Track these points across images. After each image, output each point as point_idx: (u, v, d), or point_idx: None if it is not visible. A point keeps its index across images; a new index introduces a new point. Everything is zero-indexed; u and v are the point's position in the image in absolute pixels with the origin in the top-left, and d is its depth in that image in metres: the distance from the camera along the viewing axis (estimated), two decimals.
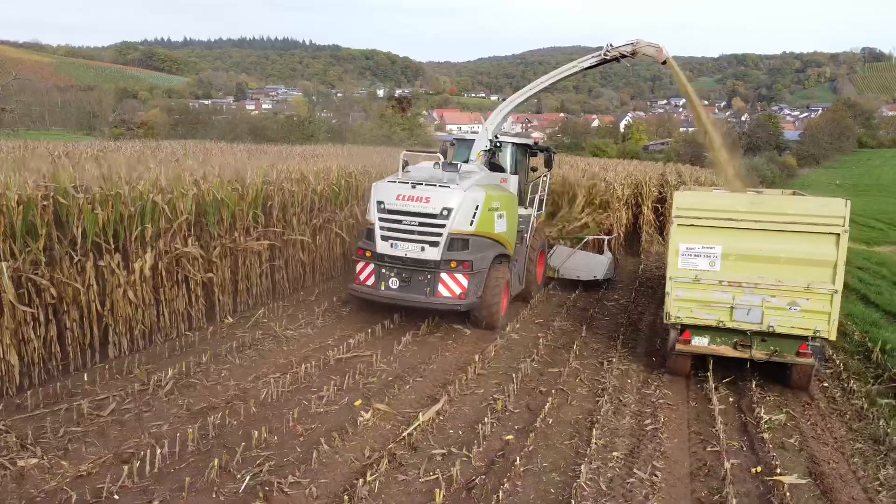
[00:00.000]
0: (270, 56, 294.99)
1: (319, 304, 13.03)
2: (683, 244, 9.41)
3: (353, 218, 16.08)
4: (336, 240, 15.39)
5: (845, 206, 8.79)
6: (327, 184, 15.05)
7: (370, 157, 25.50)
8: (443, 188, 11.29)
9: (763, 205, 9.25)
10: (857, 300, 15.63)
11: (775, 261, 9.05)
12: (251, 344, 10.56)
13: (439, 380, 9.65)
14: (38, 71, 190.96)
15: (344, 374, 9.37)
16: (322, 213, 14.90)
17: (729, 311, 9.30)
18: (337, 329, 11.74)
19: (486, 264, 11.61)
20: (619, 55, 12.70)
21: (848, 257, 20.21)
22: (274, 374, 9.36)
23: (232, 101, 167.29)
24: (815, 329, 9.07)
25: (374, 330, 11.58)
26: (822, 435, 8.50)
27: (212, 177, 11.64)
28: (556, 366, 10.54)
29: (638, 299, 15.32)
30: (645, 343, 12.13)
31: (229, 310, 12.00)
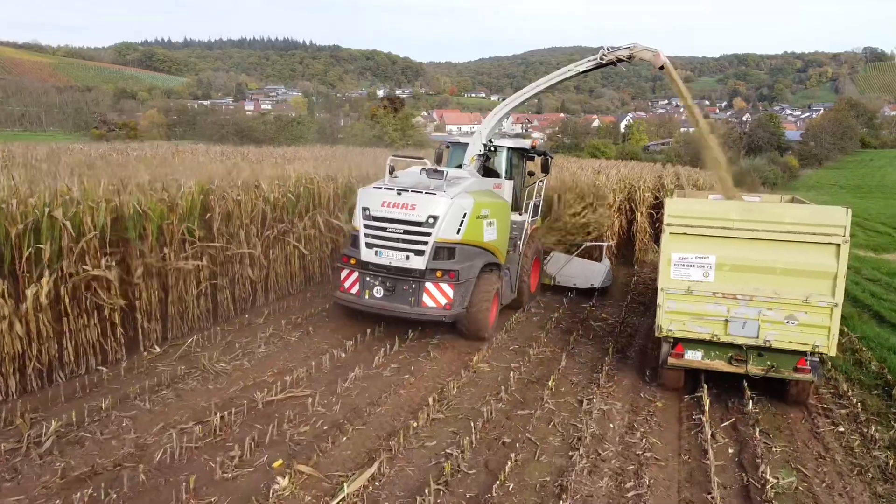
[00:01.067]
0: (271, 56, 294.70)
1: (266, 328, 11.54)
2: (676, 253, 8.99)
3: (314, 228, 14.61)
4: (294, 253, 13.91)
5: (846, 215, 8.30)
6: (283, 191, 13.57)
7: (353, 160, 24.09)
8: (429, 195, 10.84)
9: (758, 212, 8.81)
10: (870, 319, 14.14)
11: (772, 272, 8.63)
12: (171, 382, 9.07)
13: (385, 428, 8.16)
14: (37, 71, 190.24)
15: (270, 422, 7.89)
16: (277, 224, 13.42)
17: (723, 325, 8.89)
18: (280, 359, 10.26)
19: (474, 274, 11.21)
20: (615, 59, 12.40)
21: (856, 266, 18.86)
22: (186, 422, 7.87)
23: (231, 101, 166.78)
24: (813, 344, 8.63)
25: (321, 361, 10.11)
26: (840, 502, 7.01)
27: (132, 186, 10.15)
28: (528, 406, 9.04)
29: (628, 318, 13.83)
30: (633, 373, 10.64)
31: (157, 338, 10.52)
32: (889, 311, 14.58)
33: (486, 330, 11.58)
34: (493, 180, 13.08)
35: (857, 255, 23.20)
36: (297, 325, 11.92)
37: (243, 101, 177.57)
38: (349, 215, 15.60)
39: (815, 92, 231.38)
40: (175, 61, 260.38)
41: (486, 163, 13.54)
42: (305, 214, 14.36)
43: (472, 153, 13.17)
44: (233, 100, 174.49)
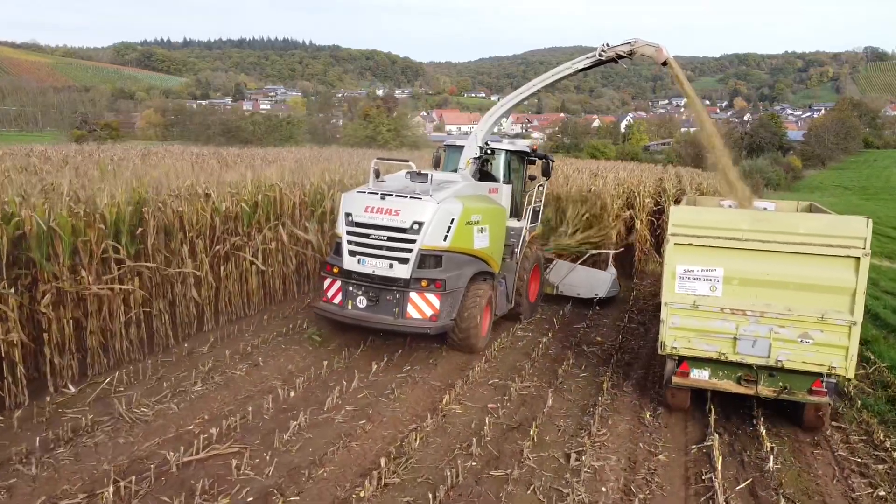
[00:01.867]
0: (270, 56, 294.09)
1: (208, 359, 10.03)
2: (681, 266, 8.43)
3: (276, 241, 13.10)
4: (251, 269, 12.39)
5: (867, 226, 7.67)
6: (236, 200, 12.06)
7: (338, 162, 22.66)
8: (414, 200, 10.26)
9: (771, 222, 8.22)
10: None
11: (784, 286, 8.07)
12: (72, 435, 7.54)
13: (325, 499, 6.64)
14: (35, 71, 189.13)
15: (180, 494, 6.38)
16: (230, 237, 11.92)
17: (732, 343, 8.32)
18: (215, 401, 8.74)
19: (462, 283, 10.61)
20: (615, 56, 11.73)
21: (872, 278, 17.22)
22: (74, 495, 6.35)
23: (230, 101, 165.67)
24: (829, 365, 8.00)
25: (263, 403, 8.60)
26: None
27: (35, 198, 8.63)
28: (503, 464, 7.52)
29: (626, 341, 12.32)
30: (630, 414, 9.12)
31: (74, 376, 8.99)
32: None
33: (478, 343, 10.96)
34: (489, 184, 12.37)
35: (872, 265, 21.67)
36: (246, 355, 10.41)
37: (242, 101, 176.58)
38: (319, 224, 14.20)
39: (816, 92, 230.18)
40: (174, 61, 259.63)
41: (483, 166, 12.82)
42: (265, 225, 12.85)
43: (467, 156, 12.49)
44: (231, 100, 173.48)
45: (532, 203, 13.45)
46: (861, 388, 10.23)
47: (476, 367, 10.49)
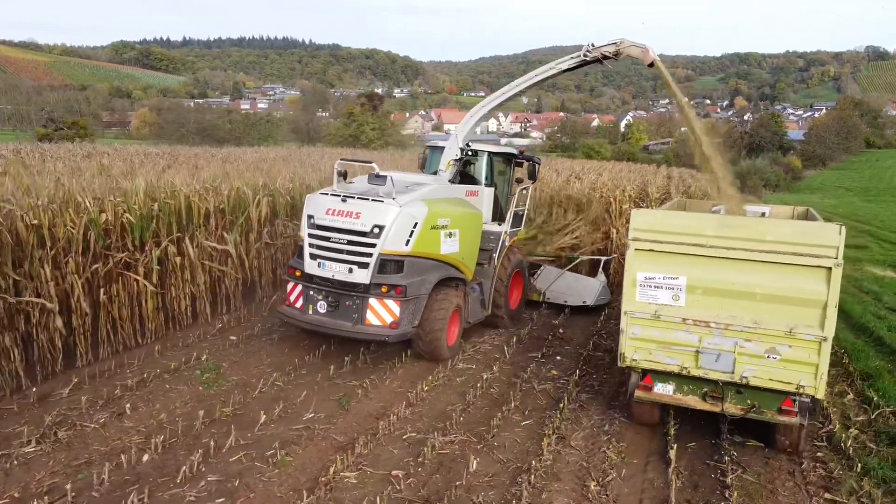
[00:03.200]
0: (270, 55, 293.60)
1: (58, 408, 8.19)
2: (641, 273, 8.01)
3: (183, 255, 11.28)
4: (146, 291, 10.54)
5: (839, 234, 7.15)
6: (125, 209, 10.23)
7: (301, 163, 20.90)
8: (375, 203, 9.92)
9: (737, 228, 7.68)
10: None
11: (751, 297, 7.60)
12: None
13: None
14: (32, 70, 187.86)
15: None
16: (116, 252, 10.09)
17: (694, 356, 7.85)
18: (44, 468, 6.90)
19: (426, 289, 10.23)
20: (601, 56, 11.31)
21: (874, 291, 15.28)
22: None
23: (228, 100, 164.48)
24: (798, 383, 7.48)
25: (102, 473, 6.75)
26: None
27: None
28: None
29: (586, 376, 10.47)
30: (572, 482, 7.27)
31: None
32: None
33: (444, 351, 10.58)
34: (468, 187, 11.97)
35: (874, 275, 19.80)
36: (113, 400, 8.57)
37: (240, 100, 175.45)
38: (242, 235, 12.44)
39: (818, 91, 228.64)
40: (172, 60, 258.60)
41: (466, 168, 12.44)
42: (167, 237, 11.02)
43: (447, 157, 12.14)
44: (230, 99, 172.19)
45: (514, 207, 12.73)
46: (862, 443, 8.39)
47: (395, 413, 8.65)
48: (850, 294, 16.17)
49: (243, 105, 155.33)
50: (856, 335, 13.43)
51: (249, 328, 11.79)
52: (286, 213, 14.13)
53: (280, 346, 11.01)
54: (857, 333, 13.58)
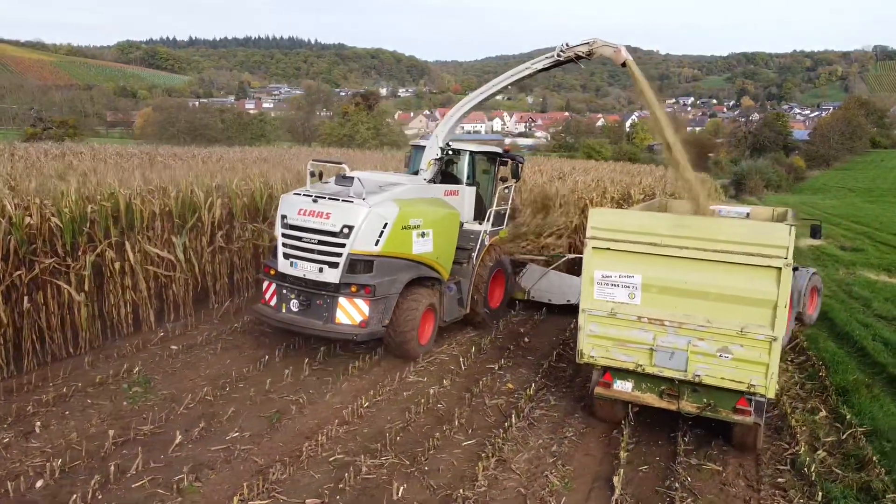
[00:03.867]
0: (275, 55, 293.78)
1: None
2: (599, 271, 8.13)
3: (125, 261, 10.71)
4: (73, 303, 9.95)
5: (789, 234, 7.20)
6: (53, 212, 9.67)
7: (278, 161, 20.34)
8: (345, 203, 10.05)
9: (691, 228, 7.71)
10: (888, 392, 10.09)
11: (704, 296, 7.64)
12: None
13: None
14: (38, 70, 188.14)
15: None
16: (43, 259, 9.53)
17: (649, 354, 7.93)
18: None
19: (396, 289, 10.33)
20: (574, 56, 11.22)
21: (864, 297, 14.52)
22: None
23: (233, 100, 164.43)
24: (749, 383, 7.50)
25: None
26: None
27: None
28: None
29: (543, 390, 9.85)
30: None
31: None
32: None
33: (415, 350, 10.68)
34: (446, 186, 12.09)
35: (866, 280, 19.09)
36: (23, 417, 7.99)
37: (245, 99, 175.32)
38: (193, 238, 11.88)
39: (825, 91, 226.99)
40: (178, 60, 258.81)
41: (448, 167, 12.60)
42: (104, 242, 10.45)
43: (428, 157, 12.15)
44: (235, 98, 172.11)
45: (495, 206, 12.77)
46: (828, 467, 7.76)
47: (327, 432, 8.06)
48: (839, 300, 15.52)
49: (248, 105, 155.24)
50: (838, 344, 12.78)
51: (195, 337, 11.22)
52: (244, 215, 13.55)
53: (221, 357, 10.44)
54: (841, 342, 12.94)
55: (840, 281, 18.48)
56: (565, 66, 11.59)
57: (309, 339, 10.99)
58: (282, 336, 11.12)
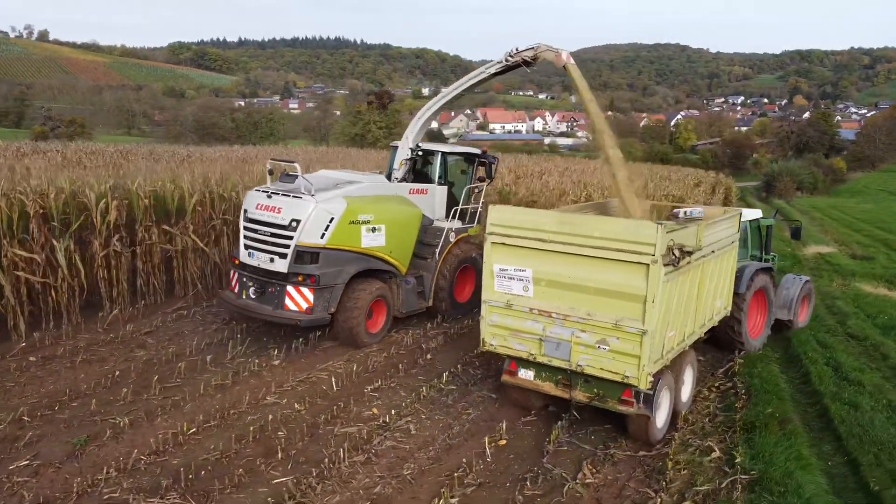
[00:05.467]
0: (321, 55, 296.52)
1: None
2: (497, 265, 8.46)
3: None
4: None
5: (657, 233, 7.26)
6: None
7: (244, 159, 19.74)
8: (295, 199, 10.75)
9: (572, 225, 7.96)
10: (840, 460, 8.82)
11: (585, 290, 7.88)
12: None
13: None
14: (92, 71, 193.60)
15: None
16: None
17: (539, 344, 8.24)
18: None
19: (343, 279, 10.98)
20: (522, 61, 11.62)
21: (845, 311, 12.97)
22: None
23: (278, 99, 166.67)
24: (624, 374, 7.70)
25: None
26: None
27: None
28: None
29: (412, 416, 8.85)
30: None
31: None
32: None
33: (362, 338, 11.32)
34: (411, 185, 12.68)
35: (858, 293, 17.51)
36: None
37: (289, 98, 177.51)
38: (78, 241, 11.24)
39: (884, 89, 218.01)
40: (226, 60, 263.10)
41: (424, 167, 13.30)
42: None
43: (399, 157, 12.96)
44: (279, 98, 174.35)
45: (465, 205, 13.32)
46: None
47: (125, 462, 7.21)
48: (813, 316, 14.07)
49: (291, 104, 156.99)
50: (782, 368, 11.50)
51: (62, 347, 10.53)
52: (148, 218, 12.85)
53: (77, 370, 9.72)
54: (786, 366, 11.63)
55: (828, 294, 16.93)
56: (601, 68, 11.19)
57: (176, 356, 10.28)
58: (159, 346, 10.48)
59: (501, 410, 9.30)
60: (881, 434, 8.60)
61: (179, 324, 12.10)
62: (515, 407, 9.38)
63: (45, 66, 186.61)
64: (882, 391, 10.17)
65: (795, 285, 12.88)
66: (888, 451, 8.19)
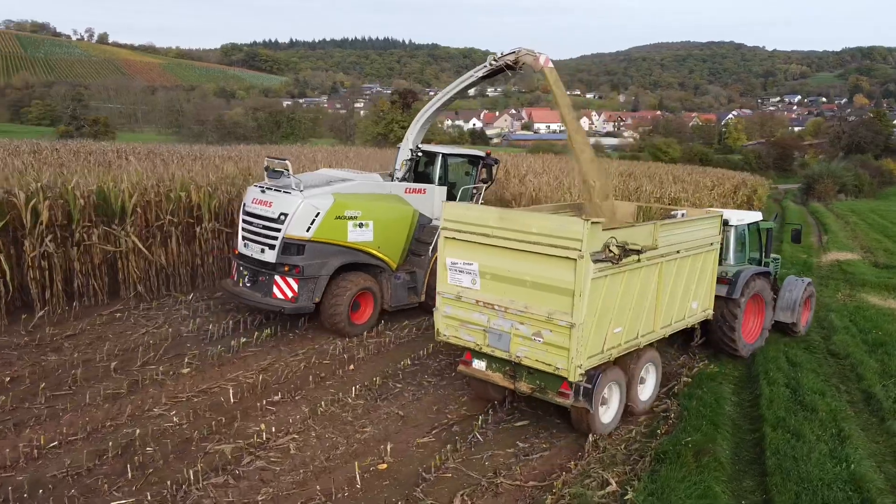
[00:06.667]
0: (370, 55, 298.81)
1: None
2: (449, 258, 8.84)
3: None
4: None
5: (583, 228, 7.48)
6: None
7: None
8: (284, 194, 11.49)
9: (512, 221, 8.23)
10: None
11: (523, 284, 8.15)
12: None
13: None
14: (148, 72, 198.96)
15: None
16: None
17: (484, 335, 8.57)
18: None
19: (326, 271, 11.57)
20: (504, 65, 12.03)
21: (833, 325, 12.54)
22: None
23: (325, 99, 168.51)
24: (555, 366, 7.90)
25: None
26: None
27: None
28: None
29: (286, 435, 8.25)
30: None
31: None
32: None
33: (346, 328, 11.81)
34: (408, 185, 13.15)
35: (862, 305, 16.20)
36: None
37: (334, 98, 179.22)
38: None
39: None
40: (277, 61, 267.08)
41: (426, 168, 13.81)
42: None
43: (401, 158, 13.53)
44: (327, 98, 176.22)
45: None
46: None
47: None
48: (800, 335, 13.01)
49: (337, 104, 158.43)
50: (737, 388, 10.60)
51: None
52: (87, 218, 12.57)
53: None
54: (742, 386, 10.69)
55: (825, 305, 15.69)
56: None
57: (83, 362, 9.93)
58: (76, 350, 10.28)
59: (403, 429, 8.66)
60: (813, 470, 7.63)
61: (108, 327, 11.76)
62: (417, 426, 8.72)
63: (103, 68, 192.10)
64: (836, 419, 9.14)
65: (798, 287, 12.71)
66: (812, 490, 7.23)
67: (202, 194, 14.31)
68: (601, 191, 10.90)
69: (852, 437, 8.60)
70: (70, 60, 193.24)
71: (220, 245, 14.74)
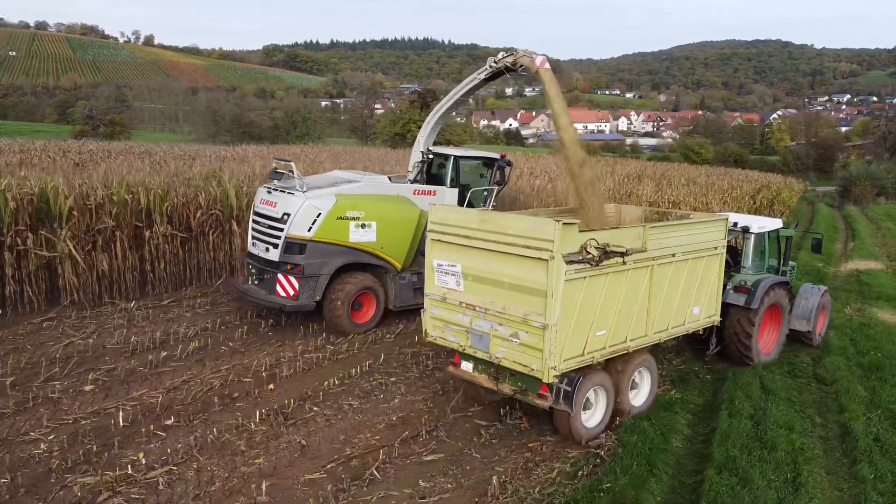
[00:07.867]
0: (409, 56, 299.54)
1: None
2: (435, 260, 8.94)
3: None
4: None
5: (555, 230, 7.50)
6: None
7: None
8: (288, 194, 11.75)
9: (491, 223, 8.35)
10: None
11: (501, 285, 8.23)
12: None
13: None
14: (191, 73, 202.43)
15: None
16: None
17: (466, 336, 8.66)
18: None
19: (327, 270, 11.78)
20: (503, 67, 12.16)
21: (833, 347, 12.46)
22: None
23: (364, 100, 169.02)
24: (531, 367, 7.92)
25: None
26: None
27: None
28: None
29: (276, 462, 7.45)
30: None
31: None
32: None
33: (347, 326, 11.98)
34: (416, 186, 13.21)
35: (868, 321, 14.80)
36: None
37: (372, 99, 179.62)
38: None
39: None
40: (317, 62, 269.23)
41: (438, 170, 13.90)
42: None
43: (413, 160, 13.84)
44: (365, 98, 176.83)
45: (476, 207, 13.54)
46: None
47: None
48: (786, 352, 11.79)
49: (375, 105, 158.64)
50: (696, 419, 9.44)
51: None
52: (20, 222, 12.01)
53: None
54: (701, 417, 9.53)
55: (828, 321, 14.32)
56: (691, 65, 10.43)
57: None
58: None
59: (297, 461, 7.78)
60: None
61: (30, 337, 11.15)
62: (314, 458, 7.84)
63: (148, 69, 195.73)
64: (797, 460, 7.97)
65: (814, 295, 12.45)
66: None
67: (153, 196, 13.66)
68: (591, 191, 10.60)
69: (809, 483, 7.44)
70: (117, 62, 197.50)
71: (173, 250, 14.06)
